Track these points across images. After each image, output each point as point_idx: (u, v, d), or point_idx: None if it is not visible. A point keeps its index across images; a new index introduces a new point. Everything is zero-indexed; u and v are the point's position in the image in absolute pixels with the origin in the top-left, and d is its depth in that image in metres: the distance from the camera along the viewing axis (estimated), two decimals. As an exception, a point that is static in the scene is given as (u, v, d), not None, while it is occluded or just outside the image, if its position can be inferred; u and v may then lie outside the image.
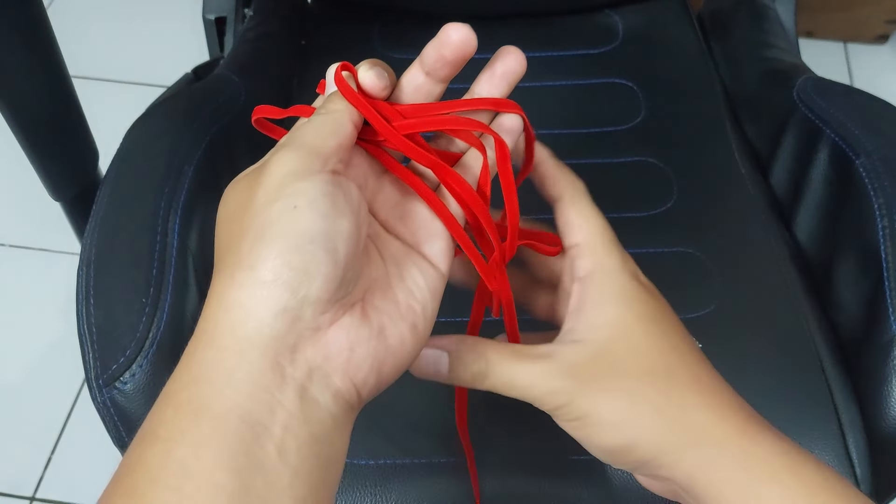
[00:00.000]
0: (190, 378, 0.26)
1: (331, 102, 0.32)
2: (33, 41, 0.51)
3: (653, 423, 0.32)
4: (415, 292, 0.32)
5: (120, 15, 1.42)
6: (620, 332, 0.33)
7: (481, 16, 0.78)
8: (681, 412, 0.32)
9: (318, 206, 0.27)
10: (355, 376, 0.28)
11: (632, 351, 0.33)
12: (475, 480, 0.46)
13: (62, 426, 0.98)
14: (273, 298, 0.26)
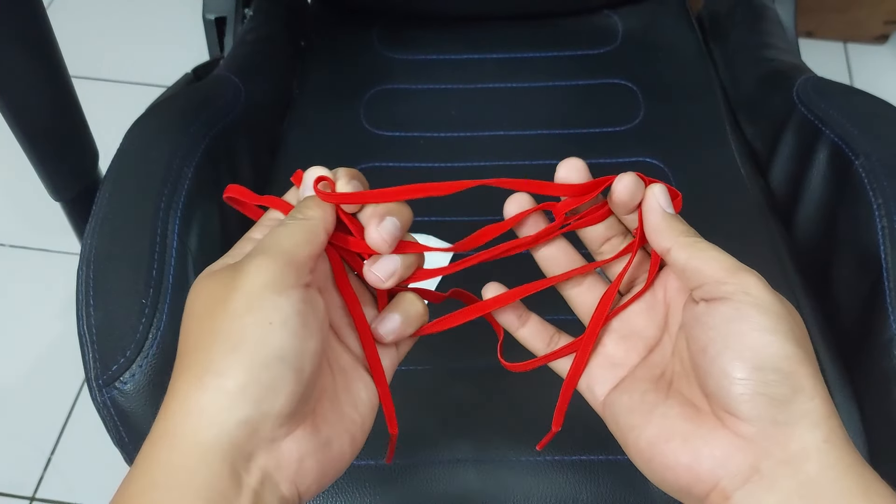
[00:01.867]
0: (150, 482, 0.27)
1: (307, 208, 0.33)
2: (33, 41, 0.51)
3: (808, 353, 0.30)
4: (358, 405, 0.33)
5: (120, 15, 1.42)
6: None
7: (481, 17, 0.78)
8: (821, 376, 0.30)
9: (291, 324, 0.28)
10: (301, 484, 0.29)
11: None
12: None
13: (62, 426, 0.98)
14: (237, 409, 0.27)
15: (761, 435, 0.29)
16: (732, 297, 0.31)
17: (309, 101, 0.73)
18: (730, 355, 0.30)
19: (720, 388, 0.30)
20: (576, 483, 0.50)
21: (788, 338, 0.30)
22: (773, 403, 0.29)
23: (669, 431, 0.31)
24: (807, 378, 0.29)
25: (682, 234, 0.35)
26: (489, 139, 0.68)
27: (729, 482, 0.29)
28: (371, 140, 0.68)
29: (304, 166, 0.69)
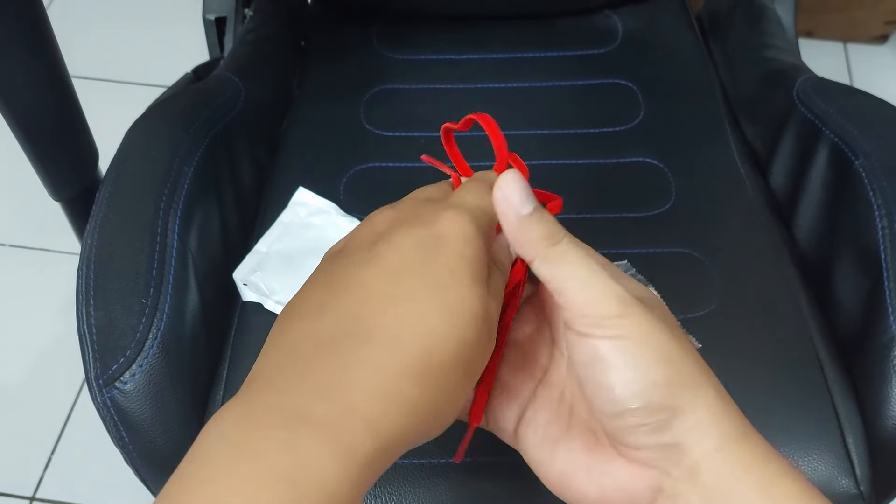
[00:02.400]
0: None
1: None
2: (33, 41, 0.51)
3: (699, 372, 0.30)
4: None
5: (120, 15, 1.42)
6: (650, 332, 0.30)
7: (480, 16, 0.78)
8: (716, 383, 0.31)
9: None
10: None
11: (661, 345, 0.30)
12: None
13: (62, 426, 0.98)
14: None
15: (655, 458, 0.29)
16: (589, 334, 0.29)
17: (309, 100, 0.73)
18: (601, 396, 0.29)
19: (603, 424, 0.30)
20: (576, 483, 0.50)
21: (652, 361, 0.28)
22: (654, 431, 0.29)
23: (573, 466, 0.31)
24: (683, 393, 0.29)
25: (543, 242, 0.29)
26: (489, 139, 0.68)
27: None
28: (371, 140, 0.68)
29: (304, 166, 0.69)
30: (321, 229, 0.62)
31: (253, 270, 0.59)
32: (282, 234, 0.62)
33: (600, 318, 0.28)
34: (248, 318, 0.57)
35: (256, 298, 0.58)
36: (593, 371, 0.29)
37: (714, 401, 0.30)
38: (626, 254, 0.60)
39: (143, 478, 0.50)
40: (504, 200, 0.29)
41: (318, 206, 0.63)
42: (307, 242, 0.61)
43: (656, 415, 0.28)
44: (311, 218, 0.63)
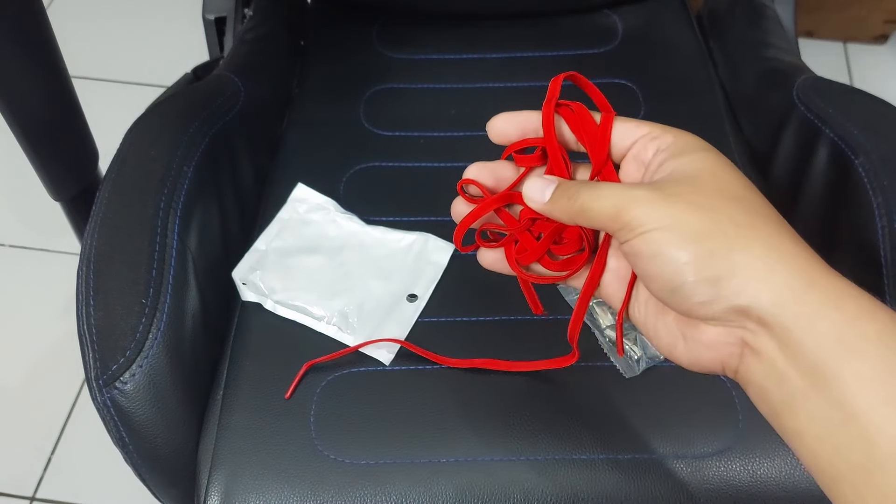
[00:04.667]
0: None
1: None
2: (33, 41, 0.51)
3: (737, 236, 0.31)
4: None
5: (120, 15, 1.42)
6: (710, 169, 0.34)
7: (480, 15, 0.78)
8: (767, 237, 0.31)
9: None
10: None
11: (722, 182, 0.33)
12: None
13: (62, 426, 0.98)
14: None
15: (728, 321, 0.31)
16: (622, 239, 0.33)
17: (308, 100, 0.73)
18: (649, 286, 0.33)
19: (673, 308, 0.33)
20: (576, 482, 0.50)
21: (677, 245, 0.31)
22: (708, 303, 0.31)
23: (673, 336, 0.34)
24: (717, 263, 0.30)
25: (568, 203, 0.35)
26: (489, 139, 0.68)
27: (729, 361, 0.32)
28: (371, 139, 0.68)
29: (304, 165, 0.69)
30: (320, 226, 0.62)
31: (252, 269, 0.59)
32: (281, 231, 0.62)
33: (624, 224, 0.32)
34: (248, 317, 0.57)
35: (255, 298, 0.58)
36: (637, 268, 0.33)
37: (759, 258, 0.30)
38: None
39: (143, 478, 0.50)
40: (531, 202, 0.37)
41: (316, 203, 0.63)
42: (306, 239, 0.61)
43: (700, 289, 0.31)
44: (310, 214, 0.63)
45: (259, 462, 0.50)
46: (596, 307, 0.56)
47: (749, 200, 0.33)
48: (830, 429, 0.28)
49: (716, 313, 0.31)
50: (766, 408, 0.32)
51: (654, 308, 0.35)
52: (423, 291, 0.58)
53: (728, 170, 0.34)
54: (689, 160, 0.34)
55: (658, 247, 0.31)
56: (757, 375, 0.31)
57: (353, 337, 0.55)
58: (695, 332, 0.33)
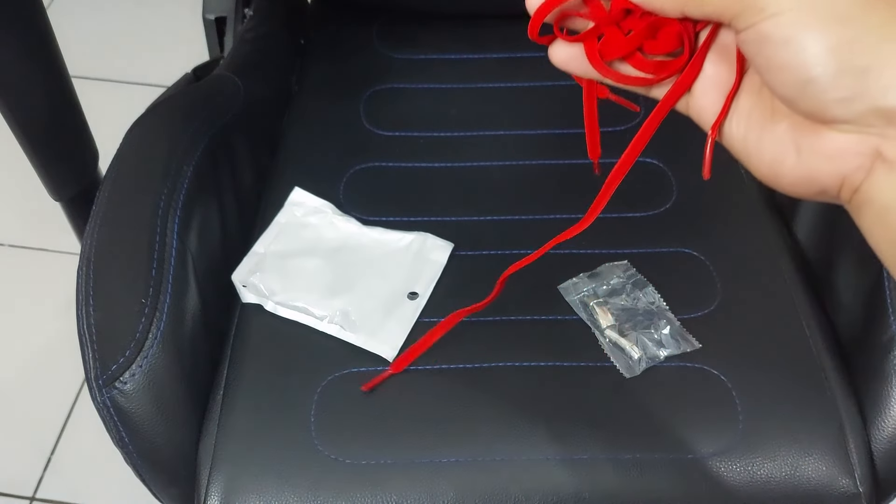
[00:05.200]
0: None
1: None
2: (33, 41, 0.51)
3: (891, 22, 0.26)
4: None
5: (119, 15, 1.42)
6: None
7: (480, 15, 0.78)
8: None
9: None
10: None
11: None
12: None
13: (62, 426, 0.98)
14: None
15: (865, 126, 0.26)
16: (750, 27, 0.27)
17: (308, 99, 0.73)
18: (780, 78, 0.28)
19: (798, 108, 0.28)
20: (576, 482, 0.50)
21: (818, 27, 0.26)
22: (848, 100, 0.26)
23: (782, 149, 0.29)
24: (866, 52, 0.26)
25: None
26: (489, 139, 0.68)
27: (853, 176, 0.27)
28: (371, 139, 0.68)
29: (304, 165, 0.69)
30: (318, 229, 0.62)
31: (252, 272, 0.59)
32: (279, 235, 0.62)
33: (749, 5, 0.27)
34: (248, 318, 0.57)
35: (256, 300, 0.57)
36: (761, 58, 0.28)
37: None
38: (627, 254, 0.60)
39: (143, 478, 0.50)
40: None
41: (314, 206, 0.63)
42: (304, 242, 0.61)
43: (842, 82, 0.26)
44: (308, 218, 0.63)
45: (259, 462, 0.50)
46: (596, 307, 0.56)
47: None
48: None
49: (854, 114, 0.26)
50: (888, 234, 0.27)
51: (760, 118, 0.30)
52: (424, 289, 0.58)
53: None
54: None
55: (792, 30, 0.26)
56: (886, 194, 0.26)
57: (356, 335, 0.55)
58: (815, 141, 0.28)
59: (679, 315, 0.56)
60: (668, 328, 0.55)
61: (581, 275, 0.58)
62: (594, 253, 0.60)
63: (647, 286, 0.57)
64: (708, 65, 0.32)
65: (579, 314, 0.56)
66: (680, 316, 0.56)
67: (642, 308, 0.56)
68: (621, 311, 0.56)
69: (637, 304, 0.56)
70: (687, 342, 0.54)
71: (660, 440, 0.51)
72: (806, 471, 0.50)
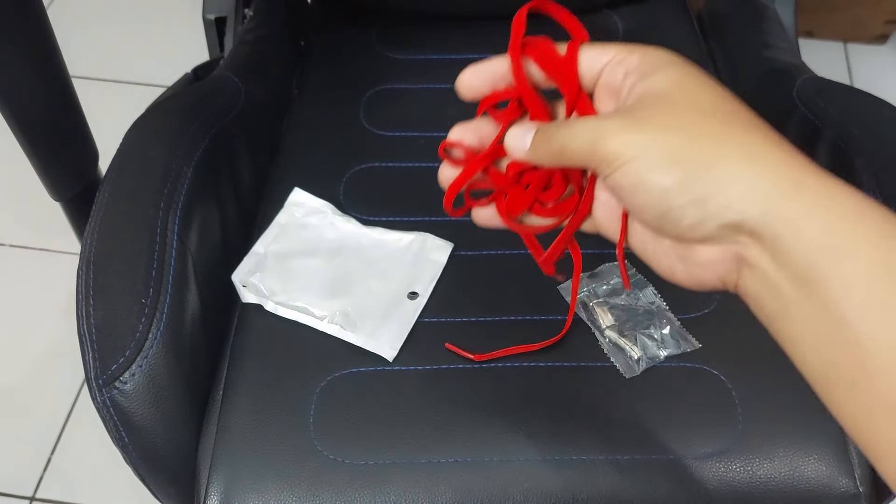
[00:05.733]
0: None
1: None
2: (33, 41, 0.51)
3: (715, 151, 0.30)
4: None
5: (119, 15, 1.42)
6: (679, 84, 0.33)
7: (480, 16, 0.78)
8: (748, 145, 0.30)
9: None
10: None
11: (692, 97, 0.32)
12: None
13: (62, 426, 0.98)
14: None
15: (720, 237, 0.30)
16: (603, 174, 0.32)
17: (308, 100, 0.73)
18: (636, 217, 0.33)
19: (665, 235, 0.32)
20: (576, 483, 0.50)
21: (656, 172, 0.30)
22: (697, 224, 0.30)
23: (671, 260, 0.33)
24: (700, 182, 0.29)
25: (548, 147, 0.35)
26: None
27: (729, 277, 0.32)
28: (371, 140, 0.68)
29: (304, 166, 0.69)
30: (317, 229, 0.62)
31: (252, 272, 0.59)
32: (279, 235, 0.62)
33: (602, 159, 0.32)
34: (248, 318, 0.57)
35: (256, 300, 0.58)
36: (624, 202, 0.33)
37: (742, 169, 0.29)
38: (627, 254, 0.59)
39: (143, 478, 0.50)
40: (514, 152, 0.36)
41: (313, 206, 0.63)
42: (304, 243, 0.61)
43: (688, 212, 0.30)
44: (308, 218, 0.63)
45: (259, 462, 0.50)
46: (596, 307, 0.56)
47: (724, 111, 0.32)
48: (821, 336, 0.28)
49: (707, 233, 0.30)
50: (764, 318, 0.32)
51: (650, 235, 0.34)
52: (424, 289, 0.58)
53: (698, 82, 0.33)
54: (657, 79, 0.33)
55: (638, 176, 0.30)
56: (752, 287, 0.31)
57: (356, 335, 0.55)
58: (691, 254, 0.32)
59: (679, 315, 0.56)
60: (668, 328, 0.55)
61: (581, 275, 0.58)
62: (594, 253, 0.60)
63: (647, 286, 0.57)
64: (602, 193, 0.36)
65: (579, 314, 0.57)
66: (680, 316, 0.56)
67: (642, 308, 0.56)
68: (621, 311, 0.56)
69: (637, 304, 0.56)
70: (687, 342, 0.54)
71: (659, 440, 0.51)
72: (806, 471, 0.50)
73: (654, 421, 0.52)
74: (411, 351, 0.55)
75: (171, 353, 0.48)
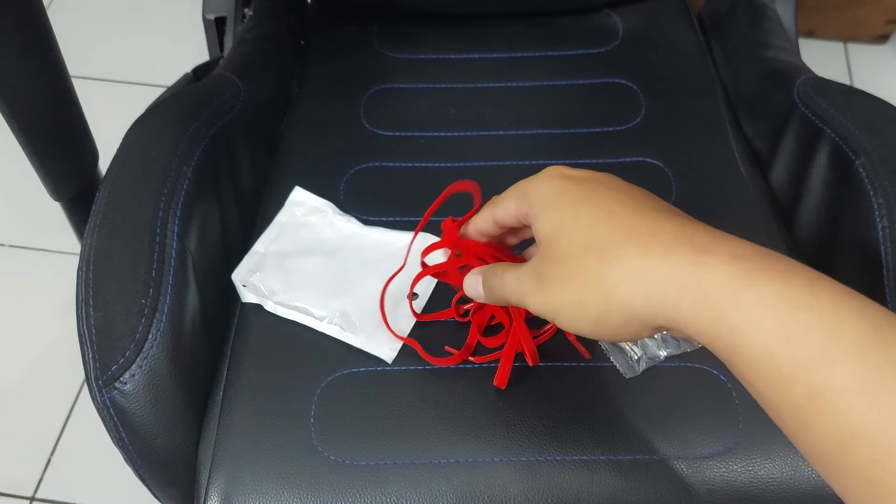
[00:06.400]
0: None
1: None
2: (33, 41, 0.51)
3: (607, 282, 0.34)
4: None
5: (119, 15, 1.42)
6: (555, 227, 0.38)
7: (480, 15, 0.78)
8: (635, 258, 0.34)
9: None
10: None
11: (568, 237, 0.37)
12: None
13: (62, 426, 0.98)
14: None
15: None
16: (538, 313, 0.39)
17: (308, 100, 0.73)
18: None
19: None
20: (576, 483, 0.50)
21: (577, 317, 0.36)
22: (631, 337, 0.36)
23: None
24: (612, 306, 0.34)
25: (493, 299, 0.43)
26: (489, 139, 0.68)
27: (645, 331, 0.35)
28: (371, 139, 0.68)
29: (304, 166, 0.69)
30: (318, 228, 0.62)
31: (251, 271, 0.59)
32: (279, 235, 0.62)
33: (534, 312, 0.39)
34: (249, 318, 0.57)
35: (256, 300, 0.57)
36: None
37: (634, 289, 0.34)
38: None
39: (143, 478, 0.50)
40: (473, 297, 0.46)
41: (314, 206, 0.63)
42: (304, 242, 0.61)
43: (614, 337, 0.36)
44: (308, 217, 0.63)
45: (259, 462, 0.50)
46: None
47: (601, 236, 0.36)
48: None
49: (634, 338, 0.36)
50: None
51: None
52: (424, 290, 0.58)
53: (568, 216, 0.38)
54: (541, 225, 0.39)
55: (563, 325, 0.37)
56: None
57: (355, 336, 0.55)
58: None
59: (679, 315, 0.56)
60: (669, 328, 0.55)
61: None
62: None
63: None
64: None
65: (579, 314, 0.57)
66: (680, 316, 0.56)
67: (642, 308, 0.56)
68: (621, 312, 0.56)
69: (637, 304, 0.56)
70: (687, 342, 0.54)
71: (660, 440, 0.51)
72: (806, 471, 0.50)
73: (654, 421, 0.52)
74: (412, 351, 0.55)
75: (171, 354, 0.48)
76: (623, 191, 0.38)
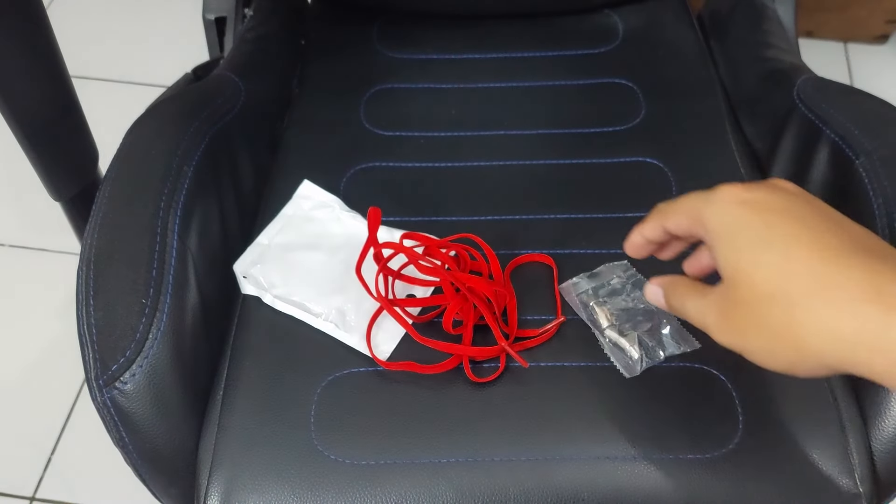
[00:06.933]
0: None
1: None
2: (33, 41, 0.51)
3: (791, 342, 0.35)
4: None
5: (120, 15, 1.42)
6: (736, 270, 0.37)
7: (481, 15, 0.78)
8: (814, 323, 0.34)
9: None
10: None
11: (749, 285, 0.37)
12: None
13: (62, 426, 0.98)
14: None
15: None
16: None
17: (309, 100, 0.73)
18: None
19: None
20: (576, 483, 0.50)
21: (770, 358, 0.37)
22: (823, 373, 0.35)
23: None
24: (805, 345, 0.34)
25: (673, 309, 0.44)
26: (489, 139, 0.68)
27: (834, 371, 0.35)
28: (371, 139, 0.68)
29: (304, 166, 0.69)
30: (323, 223, 0.62)
31: (253, 263, 0.59)
32: (284, 227, 0.62)
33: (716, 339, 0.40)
34: (249, 317, 0.57)
35: (255, 292, 0.58)
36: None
37: (833, 330, 0.34)
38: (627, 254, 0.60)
39: (143, 478, 0.50)
40: (655, 303, 0.47)
41: (321, 200, 0.63)
42: (308, 236, 0.61)
43: (807, 373, 0.36)
44: (314, 212, 0.63)
45: (259, 462, 0.50)
46: (596, 307, 0.56)
47: (785, 287, 0.35)
48: None
49: (828, 373, 0.35)
50: None
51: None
52: (422, 291, 0.58)
53: (747, 261, 0.37)
54: (719, 264, 0.39)
55: (757, 363, 0.38)
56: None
57: (350, 335, 0.55)
58: None
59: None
60: (668, 328, 0.55)
61: (581, 275, 0.58)
62: (594, 253, 0.60)
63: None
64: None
65: (579, 314, 0.56)
66: (680, 316, 0.56)
67: (642, 308, 0.56)
68: (621, 311, 0.56)
69: (637, 304, 0.56)
70: (687, 342, 0.54)
71: (660, 440, 0.51)
72: (805, 470, 0.50)
73: (654, 421, 0.52)
74: (412, 351, 0.55)
75: (171, 353, 0.48)
76: (802, 221, 0.37)
